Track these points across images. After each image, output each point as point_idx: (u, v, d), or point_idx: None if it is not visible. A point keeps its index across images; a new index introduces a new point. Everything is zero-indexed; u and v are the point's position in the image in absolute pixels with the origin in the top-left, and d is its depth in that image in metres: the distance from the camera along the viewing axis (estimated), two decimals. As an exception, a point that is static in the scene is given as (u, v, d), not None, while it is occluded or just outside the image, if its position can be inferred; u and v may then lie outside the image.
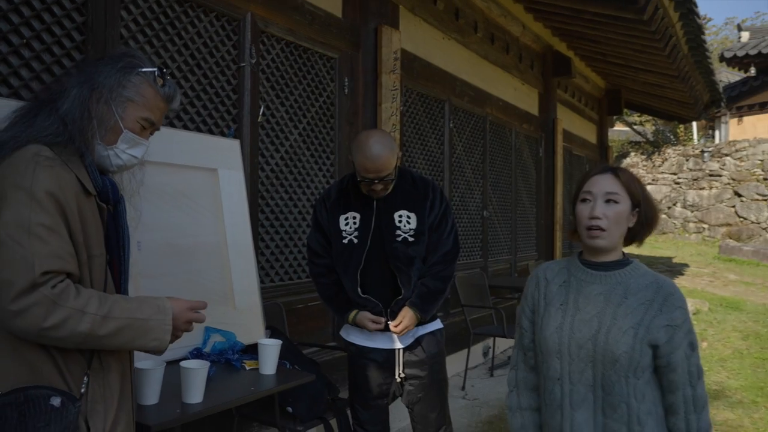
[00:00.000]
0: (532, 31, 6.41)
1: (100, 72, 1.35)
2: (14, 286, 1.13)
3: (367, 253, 2.30)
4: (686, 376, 1.42)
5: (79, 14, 2.29)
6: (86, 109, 1.32)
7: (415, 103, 4.56)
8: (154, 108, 1.39)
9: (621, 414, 1.42)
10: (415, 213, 2.35)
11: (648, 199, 1.51)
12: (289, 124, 3.34)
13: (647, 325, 1.42)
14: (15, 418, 1.12)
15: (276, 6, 3.18)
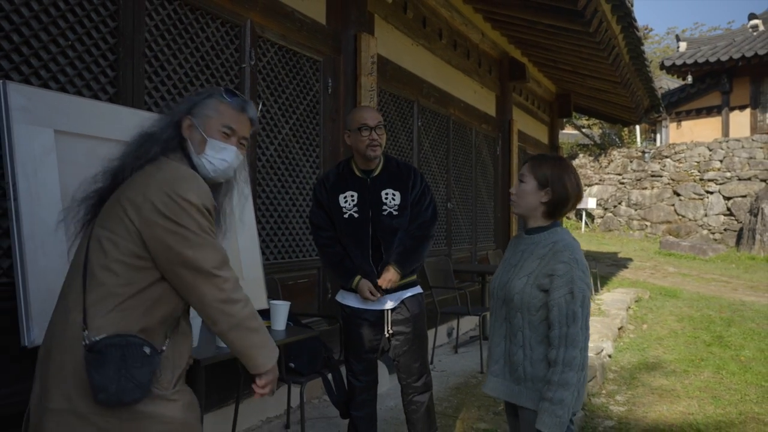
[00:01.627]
0: (491, 39, 6.96)
1: (182, 104, 1.71)
2: (216, 259, 1.52)
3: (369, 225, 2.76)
4: (563, 317, 1.83)
5: (112, 20, 2.64)
6: (178, 132, 1.66)
7: (388, 103, 5.01)
8: (230, 118, 1.66)
9: (518, 340, 1.93)
10: (399, 191, 2.79)
11: (557, 180, 1.94)
12: (282, 119, 3.73)
13: (537, 273, 1.89)
14: (117, 356, 1.45)
15: (271, 14, 3.57)
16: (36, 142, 2.18)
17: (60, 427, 1.45)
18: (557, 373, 1.81)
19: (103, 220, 1.56)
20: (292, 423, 3.52)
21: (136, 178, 1.57)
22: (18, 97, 2.15)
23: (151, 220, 1.49)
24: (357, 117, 2.75)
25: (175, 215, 1.50)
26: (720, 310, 8.35)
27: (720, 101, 17.39)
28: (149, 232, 1.50)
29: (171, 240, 1.50)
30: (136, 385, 1.45)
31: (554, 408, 1.79)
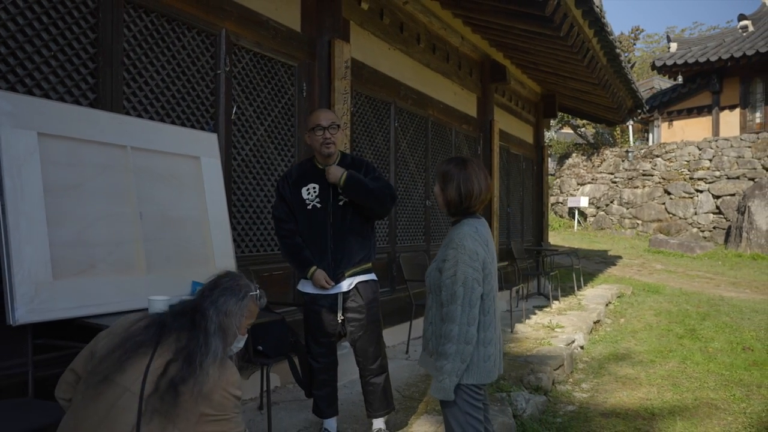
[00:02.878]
0: (471, 42, 7.21)
1: (228, 301, 1.85)
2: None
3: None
4: (446, 296, 2.11)
5: (92, 32, 2.89)
6: (224, 330, 1.80)
7: (364, 105, 5.26)
8: (254, 315, 1.97)
9: (429, 317, 2.24)
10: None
11: (450, 181, 2.20)
12: (257, 121, 3.99)
13: (438, 259, 2.20)
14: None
15: (246, 23, 3.82)
16: (20, 144, 2.43)
17: None
18: (440, 344, 2.09)
19: (172, 414, 1.61)
20: (265, 405, 3.77)
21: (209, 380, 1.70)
22: (4, 104, 2.41)
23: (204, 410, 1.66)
24: (313, 118, 3.05)
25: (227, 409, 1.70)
26: (698, 305, 8.59)
27: (710, 101, 17.62)
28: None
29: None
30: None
31: (437, 374, 2.07)
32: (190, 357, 1.70)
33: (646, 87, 20.20)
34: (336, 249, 3.02)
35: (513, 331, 6.29)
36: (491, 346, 2.16)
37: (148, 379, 1.64)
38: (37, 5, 2.65)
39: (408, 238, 6.03)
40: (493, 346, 2.17)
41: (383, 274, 5.57)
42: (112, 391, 1.63)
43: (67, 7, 2.78)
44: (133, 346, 1.71)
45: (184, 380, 1.65)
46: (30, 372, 2.47)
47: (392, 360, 4.97)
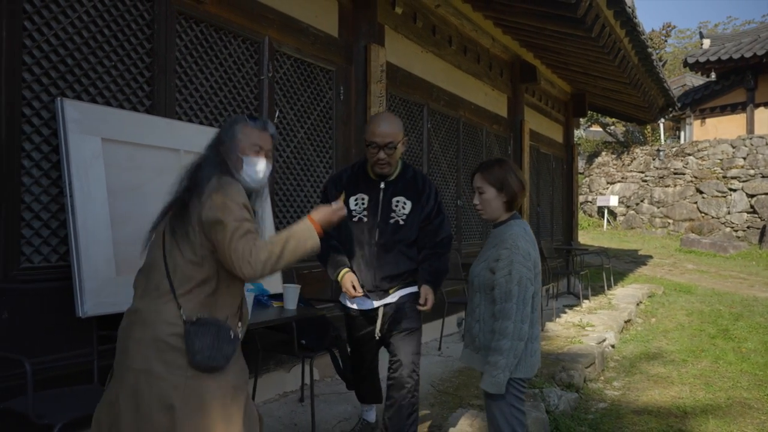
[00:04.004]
0: (501, 43, 7.27)
1: (219, 135, 2.07)
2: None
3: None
4: (501, 294, 2.19)
5: (148, 42, 3.08)
6: (220, 157, 2.02)
7: (398, 107, 5.38)
8: (255, 136, 2.03)
9: (477, 315, 2.32)
10: (411, 201, 2.75)
11: (507, 180, 2.29)
12: (297, 125, 4.15)
13: (488, 259, 2.28)
14: (214, 332, 1.87)
15: (287, 30, 3.98)
16: (87, 149, 2.62)
17: (138, 381, 1.85)
18: (495, 340, 2.18)
19: (175, 227, 1.93)
20: (306, 397, 3.93)
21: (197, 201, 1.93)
22: (72, 111, 2.60)
23: (206, 215, 1.88)
24: (369, 131, 2.71)
25: (221, 208, 1.87)
26: (731, 305, 8.51)
27: (744, 98, 17.29)
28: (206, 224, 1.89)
29: (218, 215, 1.88)
30: (223, 356, 1.88)
31: (490, 369, 2.17)
32: (192, 180, 1.98)
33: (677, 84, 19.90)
34: (379, 267, 2.75)
35: (544, 330, 6.36)
36: (536, 341, 2.28)
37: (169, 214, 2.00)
38: (99, 19, 2.84)
39: (440, 237, 6.14)
40: (537, 342, 2.29)
41: (416, 272, 5.69)
42: (155, 239, 2.01)
43: (126, 20, 2.96)
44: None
45: (189, 199, 1.94)
46: (95, 361, 2.66)
47: (425, 356, 5.10)
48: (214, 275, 1.92)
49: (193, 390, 1.86)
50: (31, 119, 2.57)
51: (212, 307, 1.93)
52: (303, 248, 1.93)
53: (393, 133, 2.68)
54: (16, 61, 2.49)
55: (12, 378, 2.38)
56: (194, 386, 1.87)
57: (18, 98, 2.50)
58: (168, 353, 1.86)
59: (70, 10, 2.70)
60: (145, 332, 1.88)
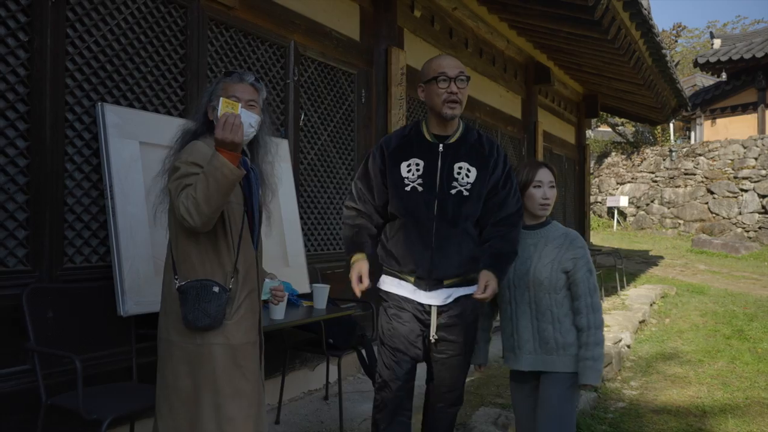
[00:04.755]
0: (516, 45, 7.32)
1: (203, 97, 2.19)
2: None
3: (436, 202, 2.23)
4: (587, 290, 2.25)
5: (181, 48, 3.15)
6: (204, 112, 2.14)
7: (416, 110, 5.44)
8: (233, 89, 2.07)
9: (547, 317, 2.29)
10: (476, 168, 2.24)
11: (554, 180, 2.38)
12: (321, 127, 4.22)
13: (560, 259, 2.28)
14: (194, 294, 1.97)
15: (312, 34, 4.05)
16: (126, 152, 2.70)
17: (162, 350, 2.06)
18: (591, 335, 2.21)
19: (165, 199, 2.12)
20: (330, 395, 4.00)
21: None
22: (112, 116, 2.68)
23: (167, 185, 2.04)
24: (433, 66, 2.24)
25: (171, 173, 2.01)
26: (745, 306, 8.52)
27: (756, 98, 17.24)
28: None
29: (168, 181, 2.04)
30: (206, 315, 1.97)
31: (595, 363, 2.20)
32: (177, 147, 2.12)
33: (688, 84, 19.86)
34: (438, 248, 2.24)
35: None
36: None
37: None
38: (137, 26, 2.91)
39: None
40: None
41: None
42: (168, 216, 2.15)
43: (161, 26, 3.04)
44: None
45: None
46: (134, 359, 2.73)
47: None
48: (191, 238, 2.01)
49: (204, 356, 1.99)
50: (74, 124, 2.64)
51: (197, 269, 2.02)
52: (222, 179, 1.86)
53: (461, 65, 2.27)
54: (60, 67, 2.57)
55: (56, 375, 2.46)
56: (205, 352, 1.99)
57: (61, 103, 2.58)
58: (177, 323, 2.01)
59: (109, 17, 2.78)
60: (164, 305, 2.08)
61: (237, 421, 2.00)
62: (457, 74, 2.23)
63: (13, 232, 2.43)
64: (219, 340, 2.00)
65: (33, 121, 2.48)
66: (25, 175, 2.47)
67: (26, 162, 2.47)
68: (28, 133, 2.47)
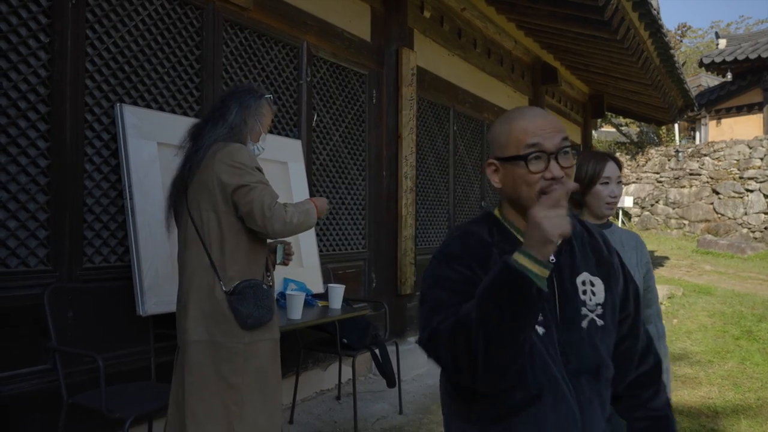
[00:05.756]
0: (523, 45, 7.33)
1: (247, 99, 2.25)
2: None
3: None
4: (653, 297, 2.01)
5: (197, 49, 3.17)
6: (244, 120, 2.22)
7: (426, 110, 5.45)
8: (271, 117, 2.34)
9: None
10: (600, 278, 1.30)
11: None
12: (333, 128, 4.23)
13: (638, 263, 2.00)
14: (252, 294, 2.08)
15: (324, 35, 4.06)
16: (144, 152, 2.71)
17: (199, 352, 2.07)
18: (662, 345, 1.97)
19: (198, 202, 2.12)
20: (342, 395, 4.01)
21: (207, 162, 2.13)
22: (131, 117, 2.69)
23: (229, 184, 2.08)
24: (520, 125, 1.23)
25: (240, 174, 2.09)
26: (753, 306, 8.50)
27: (761, 98, 17.20)
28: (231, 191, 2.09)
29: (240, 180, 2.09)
30: (267, 309, 2.11)
31: (668, 374, 1.92)
32: (197, 136, 2.21)
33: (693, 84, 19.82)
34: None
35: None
36: None
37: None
38: (154, 27, 2.93)
39: (465, 238, 6.21)
40: None
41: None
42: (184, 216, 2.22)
43: (177, 27, 3.05)
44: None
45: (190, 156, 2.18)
46: (152, 358, 2.75)
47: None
48: (243, 239, 2.12)
49: (252, 353, 2.09)
50: (93, 124, 2.66)
51: (246, 270, 2.12)
52: (309, 224, 2.20)
53: (559, 125, 1.26)
54: (80, 69, 2.59)
55: (77, 374, 2.47)
56: (252, 350, 2.10)
57: (81, 104, 2.60)
58: (223, 324, 2.06)
59: (127, 19, 2.80)
60: (198, 308, 2.08)
61: (280, 406, 2.17)
62: (561, 144, 1.20)
63: (34, 232, 2.44)
64: (266, 336, 2.11)
65: (54, 122, 2.50)
66: (46, 175, 2.49)
67: (47, 162, 2.48)
68: (49, 133, 2.49)
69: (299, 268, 3.51)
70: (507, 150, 1.21)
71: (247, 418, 2.08)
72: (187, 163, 2.20)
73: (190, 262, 2.14)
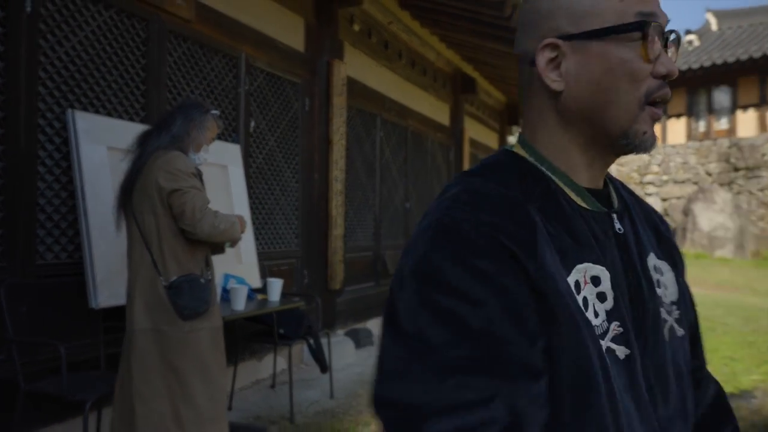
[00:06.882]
0: (445, 57, 7.83)
1: (192, 112, 2.51)
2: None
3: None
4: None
5: (143, 58, 3.36)
6: (188, 131, 2.48)
7: (355, 117, 5.80)
8: (215, 131, 2.59)
9: None
10: (666, 262, 0.82)
11: None
12: (268, 133, 4.49)
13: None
14: (188, 287, 2.30)
15: (261, 46, 4.32)
16: (96, 156, 2.90)
17: (145, 339, 2.31)
18: None
19: (141, 204, 2.37)
20: (277, 384, 4.28)
21: (148, 168, 2.37)
22: (82, 122, 2.87)
23: (165, 188, 2.32)
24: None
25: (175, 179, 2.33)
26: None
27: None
28: (166, 194, 2.34)
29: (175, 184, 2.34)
30: (203, 301, 2.35)
31: None
32: (143, 143, 2.47)
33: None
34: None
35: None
36: None
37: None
38: (102, 37, 3.11)
39: (391, 237, 6.61)
40: None
41: (368, 270, 6.12)
42: (129, 215, 2.46)
43: (125, 38, 3.24)
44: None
45: (135, 161, 2.42)
46: (102, 349, 2.93)
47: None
48: (180, 238, 2.37)
49: (192, 340, 2.34)
50: (45, 129, 2.82)
51: (184, 266, 2.37)
52: (233, 235, 2.48)
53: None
54: (33, 76, 2.74)
55: (31, 364, 2.63)
56: (193, 337, 2.34)
57: (35, 109, 2.75)
58: (165, 314, 2.31)
59: (78, 29, 2.97)
60: (143, 300, 2.33)
61: (223, 389, 2.42)
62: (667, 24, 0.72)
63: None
64: (205, 325, 2.32)
65: (8, 127, 2.64)
66: (1, 177, 2.63)
67: (2, 165, 2.63)
68: (4, 138, 2.63)
69: (238, 264, 3.76)
70: (594, 20, 0.68)
71: (190, 398, 2.33)
72: (132, 168, 2.43)
73: (135, 258, 2.38)
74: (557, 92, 0.71)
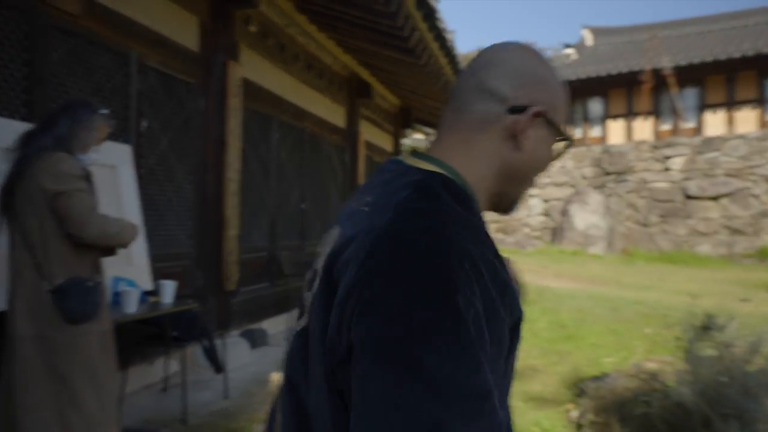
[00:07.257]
0: (341, 61, 7.99)
1: (79, 112, 2.48)
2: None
3: None
4: None
5: (25, 52, 3.23)
6: (74, 132, 2.44)
7: (251, 119, 5.81)
8: (104, 131, 2.56)
9: None
10: None
11: None
12: (161, 134, 4.42)
13: None
14: (75, 291, 2.27)
15: (153, 45, 4.25)
16: (-28, 156, 2.76)
17: (28, 346, 2.24)
18: None
19: (24, 207, 2.31)
20: (169, 387, 4.24)
21: (32, 170, 2.31)
22: (-43, 120, 2.72)
23: (49, 190, 2.27)
24: (565, 98, 0.89)
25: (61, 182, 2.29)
26: (527, 293, 10.15)
27: (541, 117, 20.11)
28: (51, 197, 2.29)
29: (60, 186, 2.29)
30: (93, 304, 2.31)
31: None
32: (25, 144, 2.40)
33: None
34: None
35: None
36: None
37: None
38: (-20, 31, 2.96)
39: (286, 237, 6.67)
40: None
41: (263, 271, 6.15)
42: (10, 218, 2.37)
43: (4, 31, 3.10)
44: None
45: (17, 163, 2.36)
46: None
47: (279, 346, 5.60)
48: (66, 241, 2.32)
49: (80, 345, 2.30)
50: None
51: (71, 269, 2.33)
52: (124, 239, 2.47)
53: None
54: None
55: None
56: (81, 343, 2.30)
57: None
58: (49, 319, 2.26)
59: (-48, 21, 2.81)
60: (25, 305, 2.28)
61: (114, 394, 2.33)
62: None
63: None
64: (93, 329, 2.29)
65: None
66: None
67: None
68: None
69: (129, 267, 3.69)
70: (559, 118, 0.85)
71: (78, 405, 2.28)
72: (14, 170, 2.36)
73: (18, 262, 2.32)
74: (515, 148, 0.81)
